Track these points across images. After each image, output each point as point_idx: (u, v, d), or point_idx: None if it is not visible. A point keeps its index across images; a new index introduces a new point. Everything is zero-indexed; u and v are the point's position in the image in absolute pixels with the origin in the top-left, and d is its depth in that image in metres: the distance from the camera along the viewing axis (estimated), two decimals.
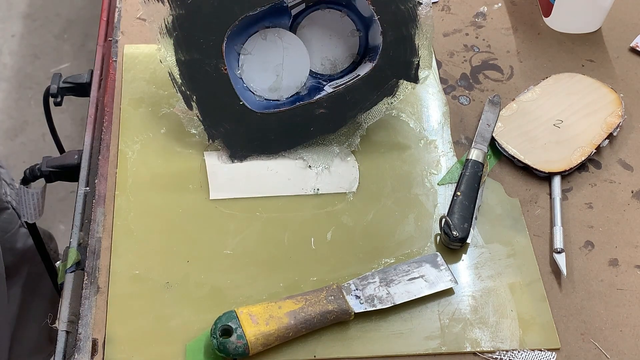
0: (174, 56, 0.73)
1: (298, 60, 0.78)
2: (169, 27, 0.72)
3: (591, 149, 0.78)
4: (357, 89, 0.76)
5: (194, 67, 0.74)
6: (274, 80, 0.78)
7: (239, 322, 0.62)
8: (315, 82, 0.80)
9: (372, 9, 0.74)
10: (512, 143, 0.79)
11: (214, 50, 0.73)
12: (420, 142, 0.80)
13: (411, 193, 0.76)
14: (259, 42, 0.77)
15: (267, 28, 0.77)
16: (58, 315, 0.66)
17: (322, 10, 0.78)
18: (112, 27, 0.89)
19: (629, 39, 0.92)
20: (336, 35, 0.80)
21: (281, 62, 0.78)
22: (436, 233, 0.72)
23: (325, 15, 0.79)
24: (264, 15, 0.75)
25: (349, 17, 0.79)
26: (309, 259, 0.70)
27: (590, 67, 0.88)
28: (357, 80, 0.76)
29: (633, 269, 0.71)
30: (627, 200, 0.76)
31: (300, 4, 0.77)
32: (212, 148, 0.77)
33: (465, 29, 0.92)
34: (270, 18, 0.76)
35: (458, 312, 0.67)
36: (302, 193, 0.75)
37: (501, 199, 0.75)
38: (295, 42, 0.78)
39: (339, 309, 0.64)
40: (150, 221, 0.71)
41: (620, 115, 0.81)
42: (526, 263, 0.70)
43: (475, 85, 0.86)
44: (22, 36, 2.07)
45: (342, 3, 0.78)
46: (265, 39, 0.77)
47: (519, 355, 0.64)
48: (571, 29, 0.92)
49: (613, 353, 0.65)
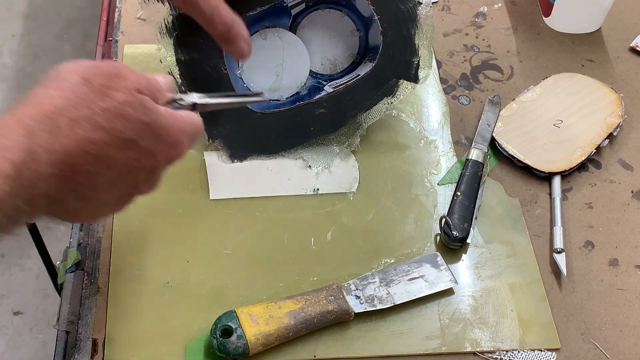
0: (174, 56, 0.73)
1: (298, 60, 0.78)
2: (168, 27, 0.72)
3: (591, 148, 0.78)
4: (357, 89, 0.76)
5: (194, 67, 0.74)
6: (274, 80, 0.78)
7: (239, 322, 0.62)
8: (315, 82, 0.80)
9: (372, 8, 0.74)
10: (512, 143, 0.79)
11: (214, 50, 0.73)
12: (420, 142, 0.80)
13: (411, 193, 0.76)
14: (259, 42, 0.77)
15: (267, 28, 0.77)
16: (58, 315, 0.66)
17: (322, 10, 0.78)
18: (112, 27, 0.89)
19: (629, 39, 0.92)
20: (336, 35, 0.80)
21: (281, 62, 0.78)
22: (436, 233, 0.72)
23: (325, 15, 0.79)
24: (264, 15, 0.75)
25: (349, 17, 0.79)
26: (309, 259, 0.70)
27: (590, 67, 0.88)
28: (357, 80, 0.76)
29: (633, 269, 0.71)
30: (627, 200, 0.76)
31: (300, 4, 0.77)
32: (212, 148, 0.77)
33: (465, 29, 0.92)
34: (270, 18, 0.76)
35: (458, 312, 0.67)
36: (302, 193, 0.75)
37: (501, 199, 0.75)
38: (295, 42, 0.78)
39: (339, 309, 0.64)
40: (150, 221, 0.71)
41: (620, 115, 0.81)
42: (526, 263, 0.70)
43: (475, 85, 0.86)
44: (22, 36, 2.07)
45: (342, 3, 0.78)
46: (265, 39, 0.77)
47: (519, 355, 0.64)
48: (571, 29, 0.92)
49: (613, 353, 0.65)
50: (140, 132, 0.50)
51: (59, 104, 0.46)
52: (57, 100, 0.46)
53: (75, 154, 0.47)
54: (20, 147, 0.44)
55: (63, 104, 0.46)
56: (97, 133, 0.47)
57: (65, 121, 0.46)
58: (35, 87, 0.48)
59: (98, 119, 0.47)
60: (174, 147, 0.53)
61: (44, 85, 0.48)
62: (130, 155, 0.50)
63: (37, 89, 0.48)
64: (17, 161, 0.43)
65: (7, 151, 0.43)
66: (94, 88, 0.48)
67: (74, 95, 0.47)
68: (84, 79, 0.48)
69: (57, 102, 0.46)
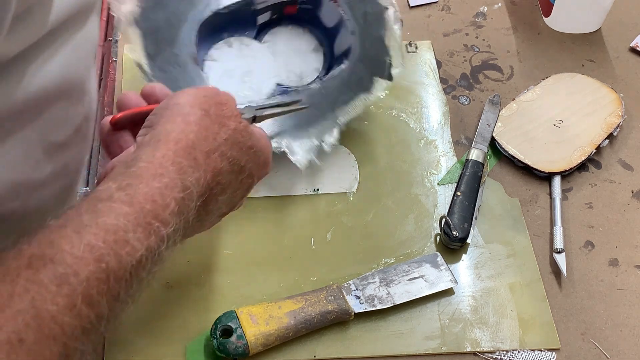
0: (143, 50, 0.73)
1: (265, 69, 0.78)
2: (137, 19, 0.72)
3: (591, 149, 0.78)
4: (334, 87, 0.75)
5: (164, 60, 0.73)
6: (241, 87, 0.77)
7: (239, 322, 0.62)
8: (284, 92, 0.79)
9: (341, 10, 0.74)
10: (512, 143, 0.79)
11: (184, 44, 0.72)
12: (420, 142, 0.80)
13: (411, 193, 0.76)
14: (225, 50, 0.76)
15: (233, 37, 0.77)
16: None
17: (285, 26, 0.78)
18: (112, 27, 0.89)
19: (629, 39, 0.92)
20: (300, 51, 0.80)
21: (248, 70, 0.78)
22: (436, 233, 0.72)
23: (288, 31, 0.79)
24: (230, 24, 0.75)
25: (311, 34, 0.79)
26: (309, 259, 0.70)
27: (590, 67, 0.88)
28: (332, 80, 0.76)
29: (633, 269, 0.71)
30: (627, 200, 0.76)
31: (266, 11, 0.77)
32: None
33: (465, 28, 0.92)
34: (235, 27, 0.76)
35: (458, 312, 0.67)
36: (302, 193, 0.75)
37: (501, 199, 0.75)
38: (261, 51, 0.77)
39: (339, 309, 0.64)
40: None
41: (620, 115, 0.81)
42: (526, 263, 0.70)
43: (475, 85, 0.86)
44: None
45: (305, 19, 0.78)
46: (231, 47, 0.77)
47: (519, 355, 0.64)
48: (571, 29, 0.92)
49: (613, 353, 0.65)
50: (247, 156, 0.52)
51: (192, 138, 0.48)
52: (190, 135, 0.48)
53: (212, 185, 0.49)
54: (178, 185, 0.46)
55: (195, 138, 0.48)
56: (223, 162, 0.50)
57: (200, 155, 0.48)
58: (157, 121, 0.49)
59: (224, 149, 0.50)
60: (265, 166, 0.56)
61: (169, 120, 0.49)
62: (239, 179, 0.52)
63: (162, 123, 0.49)
64: (178, 198, 0.45)
65: (172, 190, 0.45)
66: (213, 119, 0.50)
67: (201, 128, 0.49)
68: (204, 111, 0.50)
69: (190, 136, 0.48)
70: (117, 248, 0.41)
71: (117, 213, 0.42)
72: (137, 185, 0.44)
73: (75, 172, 0.53)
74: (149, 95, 0.57)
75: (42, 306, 0.37)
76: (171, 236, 0.45)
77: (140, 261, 0.42)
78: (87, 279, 0.39)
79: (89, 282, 0.39)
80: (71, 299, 0.38)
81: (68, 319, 0.38)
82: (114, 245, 0.41)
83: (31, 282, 0.38)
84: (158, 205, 0.44)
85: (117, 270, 0.41)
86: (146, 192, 0.44)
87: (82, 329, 0.39)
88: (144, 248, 0.42)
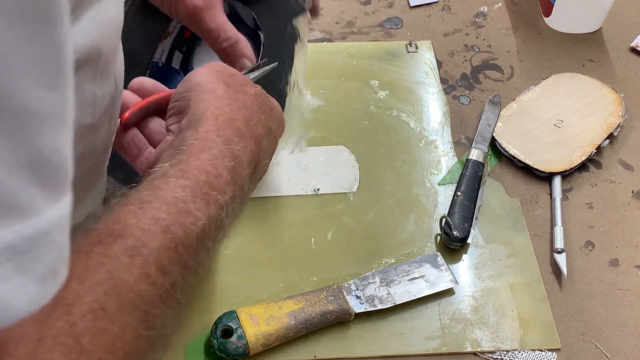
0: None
1: None
2: None
3: (591, 149, 0.78)
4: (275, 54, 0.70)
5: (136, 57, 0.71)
6: None
7: (239, 322, 0.62)
8: None
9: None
10: (513, 143, 0.79)
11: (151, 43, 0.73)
12: (421, 142, 0.80)
13: (411, 193, 0.75)
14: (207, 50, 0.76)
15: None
16: None
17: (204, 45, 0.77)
18: None
19: (629, 39, 0.92)
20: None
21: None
22: (436, 233, 0.72)
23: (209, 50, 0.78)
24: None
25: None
26: (309, 259, 0.70)
27: (591, 67, 0.88)
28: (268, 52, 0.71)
29: (633, 269, 0.71)
30: (628, 200, 0.76)
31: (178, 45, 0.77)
32: None
33: (466, 28, 0.92)
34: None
35: (458, 312, 0.67)
36: (302, 193, 0.75)
37: (501, 199, 0.75)
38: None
39: (339, 309, 0.64)
40: None
41: (620, 115, 0.81)
42: (526, 263, 0.70)
43: (476, 85, 0.86)
44: None
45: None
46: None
47: (520, 355, 0.64)
48: (571, 29, 0.92)
49: (613, 353, 0.65)
50: (271, 118, 0.53)
51: (228, 111, 0.49)
52: (225, 109, 0.49)
53: (256, 152, 0.50)
54: (227, 155, 0.46)
55: (230, 110, 0.49)
56: (258, 127, 0.51)
57: (241, 124, 0.49)
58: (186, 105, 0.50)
59: (255, 115, 0.51)
60: (282, 124, 0.56)
61: (199, 100, 0.50)
62: (270, 140, 0.53)
63: (193, 105, 0.50)
64: (229, 167, 0.46)
65: (222, 160, 0.46)
66: (237, 89, 0.51)
67: (231, 100, 0.50)
68: (226, 84, 0.51)
69: (225, 109, 0.49)
70: (180, 219, 0.42)
71: (174, 186, 0.43)
72: (188, 160, 0.45)
73: (103, 151, 0.53)
74: (140, 90, 0.58)
75: (119, 276, 0.38)
76: (229, 204, 0.46)
77: (204, 230, 0.43)
78: (158, 249, 0.40)
79: (159, 252, 0.40)
80: (145, 269, 0.39)
81: (145, 287, 0.39)
82: (177, 216, 0.42)
83: (104, 255, 0.38)
84: (211, 175, 0.45)
85: (184, 239, 0.42)
86: (198, 165, 0.45)
87: (159, 297, 0.40)
88: (206, 217, 0.43)
